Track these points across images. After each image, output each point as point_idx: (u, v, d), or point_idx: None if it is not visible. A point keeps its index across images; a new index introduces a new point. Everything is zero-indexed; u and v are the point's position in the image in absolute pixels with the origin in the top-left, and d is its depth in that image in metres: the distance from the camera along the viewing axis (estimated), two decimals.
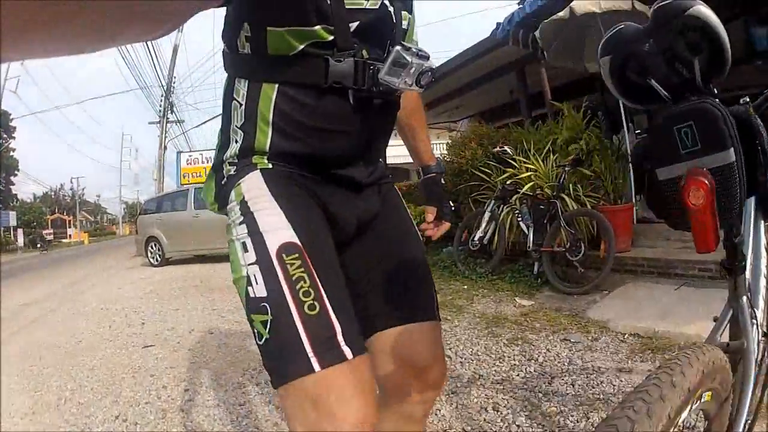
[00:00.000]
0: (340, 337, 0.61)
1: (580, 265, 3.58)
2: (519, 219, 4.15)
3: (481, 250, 4.46)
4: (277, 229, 0.65)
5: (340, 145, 0.73)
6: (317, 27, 0.65)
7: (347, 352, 0.60)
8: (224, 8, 0.72)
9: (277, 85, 0.70)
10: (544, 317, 2.94)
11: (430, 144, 1.06)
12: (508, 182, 4.37)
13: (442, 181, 1.05)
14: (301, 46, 0.67)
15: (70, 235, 36.41)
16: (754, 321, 0.74)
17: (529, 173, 4.26)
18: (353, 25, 0.68)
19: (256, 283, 0.62)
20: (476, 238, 4.40)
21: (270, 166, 0.72)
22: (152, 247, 8.69)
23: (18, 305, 5.49)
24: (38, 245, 26.49)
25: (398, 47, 0.69)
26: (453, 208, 1.10)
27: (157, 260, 8.59)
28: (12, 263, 15.60)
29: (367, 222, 0.83)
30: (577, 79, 6.40)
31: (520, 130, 5.15)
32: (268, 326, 0.60)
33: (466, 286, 4.07)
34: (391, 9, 0.74)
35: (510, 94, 8.24)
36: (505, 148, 4.61)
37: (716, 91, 0.68)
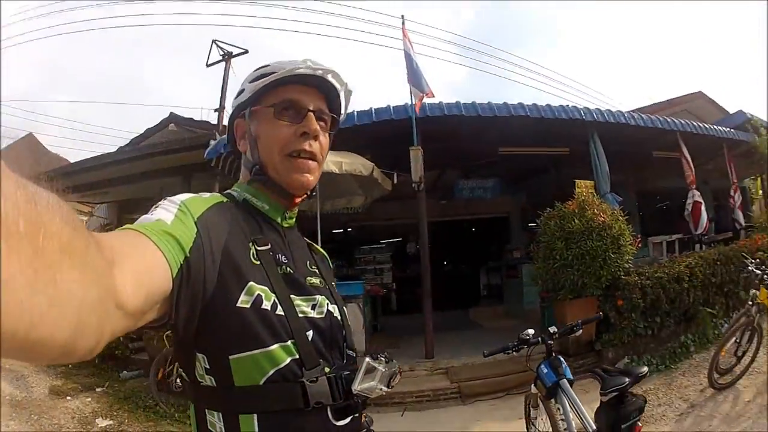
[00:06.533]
0: None
1: None
2: None
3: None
4: None
5: None
6: (281, 344, 0.66)
7: None
8: None
9: (255, 415, 0.66)
10: None
11: None
12: None
13: None
14: (271, 372, 0.66)
15: None
16: None
17: None
18: (309, 335, 0.70)
19: None
20: None
21: None
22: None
23: None
24: None
25: (367, 359, 0.73)
26: None
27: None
28: None
29: None
30: None
31: None
32: None
33: None
34: (337, 316, 0.78)
35: None
36: None
37: None
